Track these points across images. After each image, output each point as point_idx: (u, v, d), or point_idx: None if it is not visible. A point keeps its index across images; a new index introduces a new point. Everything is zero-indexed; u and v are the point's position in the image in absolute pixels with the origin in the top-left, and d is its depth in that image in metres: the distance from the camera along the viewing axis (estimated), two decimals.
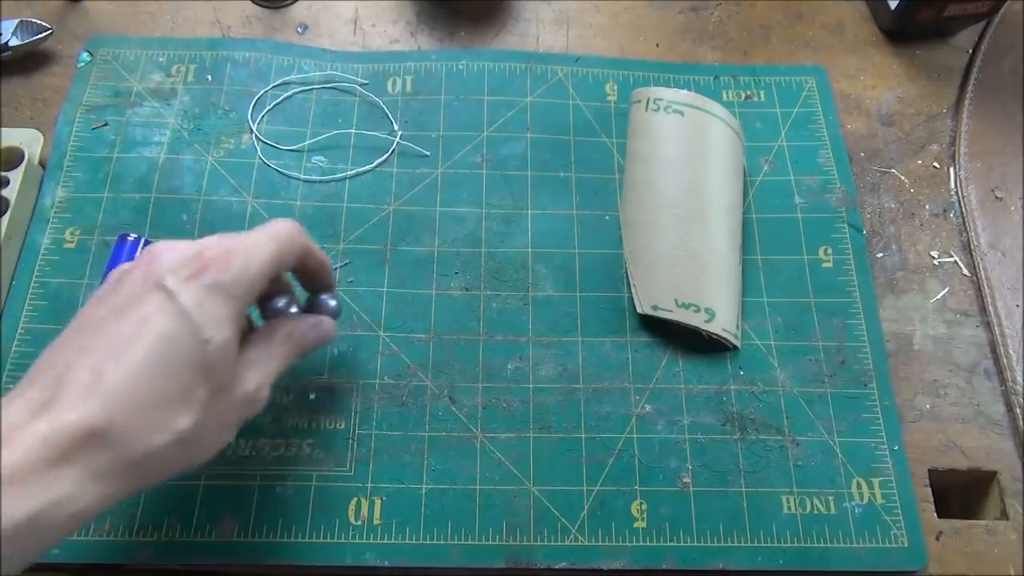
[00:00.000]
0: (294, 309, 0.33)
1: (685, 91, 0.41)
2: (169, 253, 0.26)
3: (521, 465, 0.36)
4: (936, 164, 0.45)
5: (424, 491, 0.35)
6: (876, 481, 0.36)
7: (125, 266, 0.27)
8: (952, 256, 0.42)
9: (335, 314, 0.34)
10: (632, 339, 0.39)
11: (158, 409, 0.24)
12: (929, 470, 0.37)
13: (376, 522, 0.34)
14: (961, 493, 0.38)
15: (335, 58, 0.46)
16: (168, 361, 0.25)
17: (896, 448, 0.36)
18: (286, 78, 0.45)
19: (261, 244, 0.28)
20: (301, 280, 0.33)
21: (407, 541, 0.34)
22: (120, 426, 0.24)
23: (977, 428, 0.38)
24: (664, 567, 0.34)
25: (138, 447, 0.24)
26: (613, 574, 0.34)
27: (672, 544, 0.34)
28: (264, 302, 0.33)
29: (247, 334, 0.30)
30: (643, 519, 0.35)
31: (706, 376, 0.38)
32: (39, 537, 0.22)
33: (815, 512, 0.35)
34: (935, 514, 0.36)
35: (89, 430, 0.23)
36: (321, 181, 0.42)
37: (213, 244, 0.27)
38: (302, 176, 0.42)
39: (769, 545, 0.34)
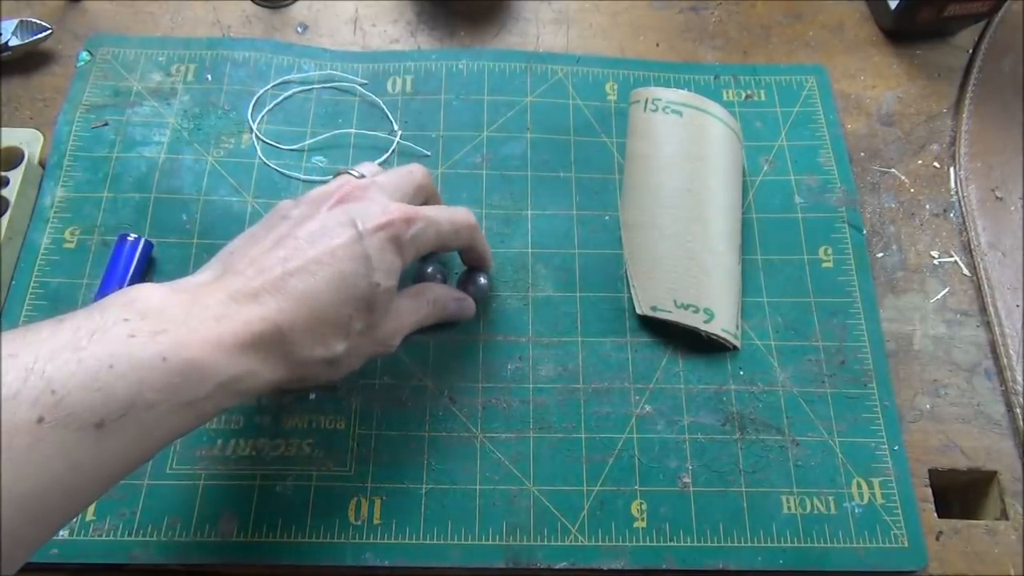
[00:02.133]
0: (440, 277, 0.38)
1: (683, 91, 0.41)
2: (367, 201, 0.31)
3: (521, 465, 0.36)
4: (936, 164, 0.45)
5: (424, 491, 0.35)
6: (876, 481, 0.36)
7: (324, 193, 0.32)
8: (952, 256, 0.42)
9: (484, 290, 0.38)
10: (632, 339, 0.39)
11: (326, 327, 0.29)
12: (929, 470, 0.37)
13: (376, 522, 0.34)
14: (961, 493, 0.38)
15: (335, 58, 0.46)
16: (343, 291, 0.29)
17: (896, 448, 0.36)
18: (286, 78, 0.45)
19: (440, 221, 0.33)
20: (461, 255, 0.38)
21: (407, 541, 0.34)
22: (297, 331, 0.28)
23: (977, 428, 0.38)
24: (664, 567, 0.34)
25: (303, 353, 0.28)
26: (613, 574, 0.34)
27: (672, 544, 0.34)
28: (420, 264, 0.38)
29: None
30: (643, 519, 0.35)
31: (706, 376, 0.38)
32: (231, 396, 0.26)
33: (815, 512, 0.35)
34: (935, 514, 0.36)
35: (276, 326, 0.27)
36: (321, 181, 0.42)
37: (410, 212, 0.31)
38: (302, 176, 0.42)
39: (769, 545, 0.34)
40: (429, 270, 0.38)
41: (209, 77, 0.45)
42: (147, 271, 0.39)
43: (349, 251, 0.29)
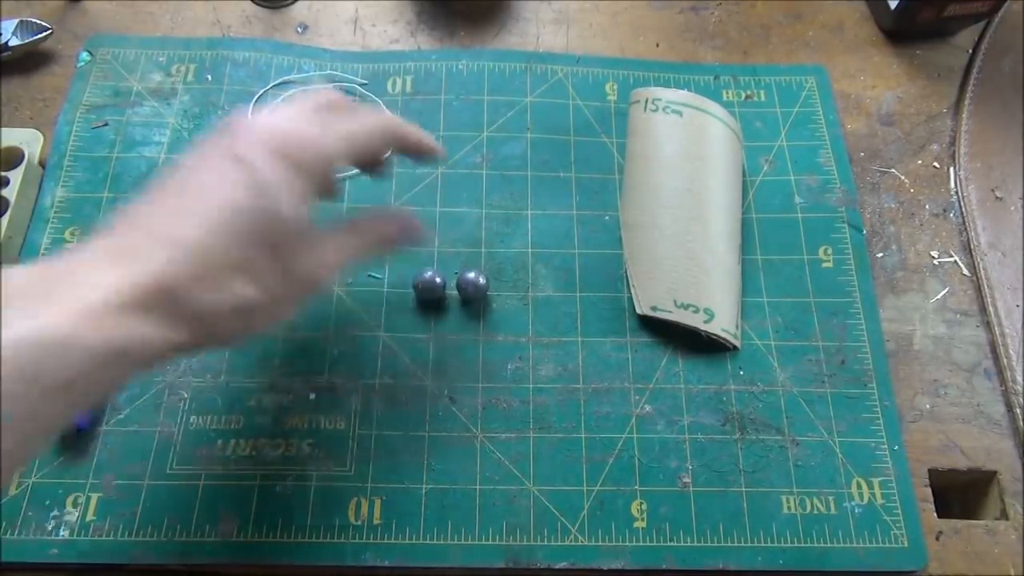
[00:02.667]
0: (439, 280, 0.38)
1: (683, 91, 0.41)
2: (254, 127, 0.27)
3: (521, 465, 0.36)
4: (936, 164, 0.45)
5: (424, 491, 0.35)
6: (876, 481, 0.36)
7: (212, 135, 0.28)
8: (952, 256, 0.42)
9: (483, 290, 0.38)
10: (632, 339, 0.39)
11: (224, 273, 0.25)
12: (929, 470, 0.37)
13: (376, 522, 0.34)
14: (961, 493, 0.38)
15: (335, 58, 0.46)
16: (239, 229, 0.26)
17: (896, 448, 0.36)
18: (286, 78, 0.45)
19: (348, 130, 0.29)
20: (405, 155, 0.33)
21: (407, 541, 0.34)
22: (187, 283, 0.25)
23: (977, 428, 0.38)
24: (664, 567, 0.34)
25: (200, 306, 0.25)
26: (613, 574, 0.34)
27: (672, 544, 0.34)
28: (419, 269, 0.38)
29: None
30: (643, 519, 0.35)
31: (706, 376, 0.38)
32: (120, 368, 0.24)
33: (815, 512, 0.35)
34: (935, 514, 0.36)
35: (159, 283, 0.24)
36: None
37: (298, 123, 0.28)
38: None
39: (769, 545, 0.34)
40: (428, 274, 0.38)
41: (209, 77, 0.45)
42: None
43: (240, 185, 0.26)
